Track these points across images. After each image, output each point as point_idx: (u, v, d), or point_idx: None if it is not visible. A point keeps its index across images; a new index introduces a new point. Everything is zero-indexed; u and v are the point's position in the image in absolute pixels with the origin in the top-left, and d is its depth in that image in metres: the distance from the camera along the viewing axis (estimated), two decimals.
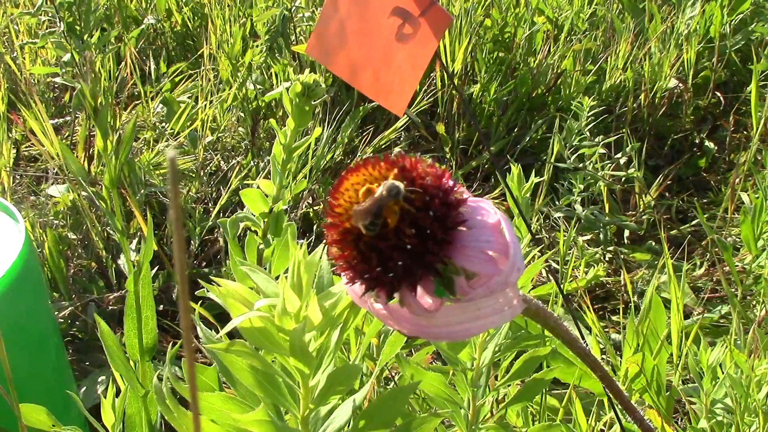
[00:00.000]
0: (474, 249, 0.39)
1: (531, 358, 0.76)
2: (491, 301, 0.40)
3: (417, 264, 0.38)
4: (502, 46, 2.18)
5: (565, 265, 1.53)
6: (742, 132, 2.18)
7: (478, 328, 0.41)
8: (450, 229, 0.39)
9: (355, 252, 0.39)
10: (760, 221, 1.51)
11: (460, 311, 0.41)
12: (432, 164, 0.41)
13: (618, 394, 0.60)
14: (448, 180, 0.41)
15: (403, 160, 0.40)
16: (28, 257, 1.00)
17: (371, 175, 0.40)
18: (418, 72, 0.68)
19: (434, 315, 0.41)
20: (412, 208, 0.38)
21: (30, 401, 0.81)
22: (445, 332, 0.41)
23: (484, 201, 0.42)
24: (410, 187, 0.38)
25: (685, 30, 2.14)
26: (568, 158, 1.73)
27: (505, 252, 0.39)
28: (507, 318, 0.41)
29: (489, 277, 0.39)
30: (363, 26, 0.69)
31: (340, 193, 0.40)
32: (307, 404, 0.52)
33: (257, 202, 0.77)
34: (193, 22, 2.35)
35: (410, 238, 0.38)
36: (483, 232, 0.39)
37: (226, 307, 0.51)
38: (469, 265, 0.39)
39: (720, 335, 1.56)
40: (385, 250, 0.38)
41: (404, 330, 0.42)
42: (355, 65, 0.69)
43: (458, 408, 0.76)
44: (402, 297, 0.41)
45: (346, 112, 1.98)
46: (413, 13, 0.69)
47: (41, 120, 1.64)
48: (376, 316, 0.42)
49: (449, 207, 0.39)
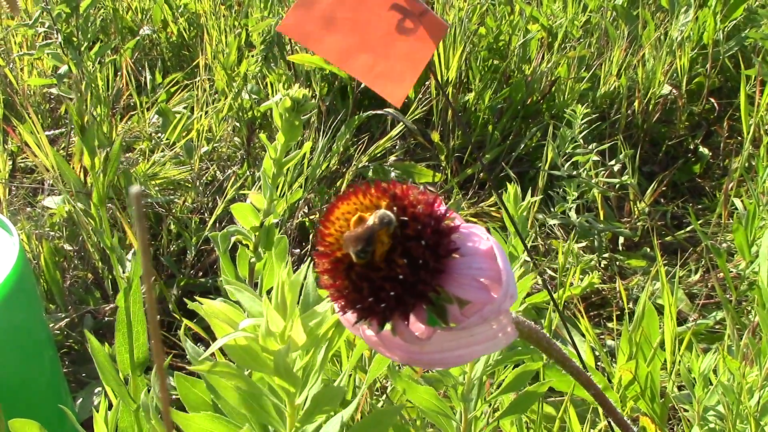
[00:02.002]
0: (467, 277, 0.39)
1: (523, 372, 0.76)
2: (485, 328, 0.40)
3: (409, 293, 0.38)
4: (497, 53, 2.19)
5: (563, 273, 1.54)
6: (736, 138, 2.19)
7: (471, 355, 0.40)
8: (442, 257, 0.38)
9: (347, 282, 0.39)
10: (753, 227, 1.52)
11: (453, 338, 0.40)
12: (423, 191, 0.41)
13: (611, 411, 0.60)
14: (439, 206, 0.40)
15: (394, 187, 0.40)
16: (22, 270, 1.00)
17: (362, 204, 0.40)
18: (419, 66, 0.68)
19: (427, 342, 0.41)
20: (404, 238, 0.38)
21: (24, 414, 0.81)
22: (438, 359, 0.41)
23: (476, 227, 0.42)
24: (402, 217, 0.38)
25: (678, 36, 2.15)
26: (562, 166, 1.73)
27: (497, 279, 0.39)
28: (501, 345, 0.41)
29: (482, 304, 0.39)
30: (358, 16, 0.68)
31: (331, 222, 0.40)
32: (293, 423, 0.52)
33: (248, 216, 0.78)
34: (188, 33, 2.36)
35: (402, 268, 0.38)
36: (475, 259, 0.39)
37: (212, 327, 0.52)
38: (462, 293, 0.39)
39: (715, 341, 1.56)
40: (377, 280, 0.38)
41: (396, 357, 0.41)
42: (348, 50, 0.68)
43: (450, 421, 0.76)
44: (394, 326, 0.40)
45: (341, 121, 1.99)
46: (413, 12, 0.70)
47: (36, 132, 1.65)
48: (368, 344, 0.42)
49: (441, 235, 0.39)
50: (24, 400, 1.02)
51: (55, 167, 1.68)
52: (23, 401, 1.02)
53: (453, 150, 2.03)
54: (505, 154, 2.05)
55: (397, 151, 2.07)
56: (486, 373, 0.77)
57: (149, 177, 1.80)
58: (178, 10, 2.37)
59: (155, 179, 1.82)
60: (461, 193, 1.96)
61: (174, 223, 1.72)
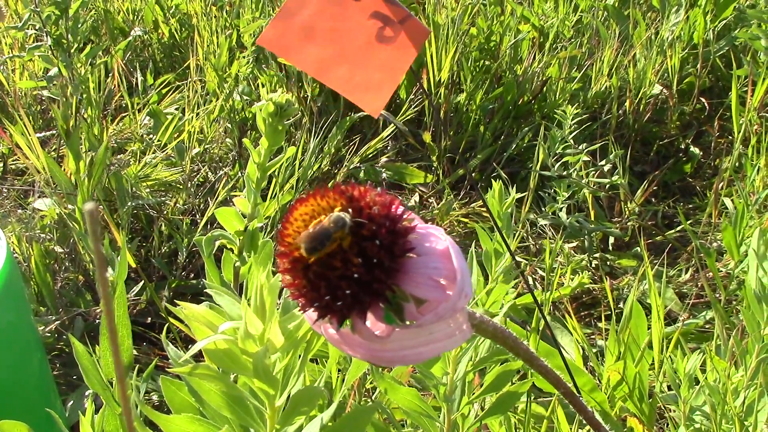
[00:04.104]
0: (422, 276, 0.40)
1: (505, 371, 0.77)
2: (442, 326, 0.41)
3: (365, 292, 0.39)
4: (488, 54, 2.20)
5: (551, 273, 1.54)
6: (726, 137, 2.19)
7: (430, 352, 0.42)
8: (397, 257, 0.40)
9: (305, 281, 0.40)
10: (742, 227, 1.53)
11: (412, 336, 0.41)
12: (381, 193, 0.42)
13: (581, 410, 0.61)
14: (397, 208, 0.42)
15: (352, 189, 0.41)
16: (9, 274, 1.00)
17: (319, 206, 0.41)
18: (398, 75, 0.68)
19: (387, 340, 0.42)
20: (360, 238, 0.39)
21: (13, 417, 0.81)
22: (399, 356, 0.42)
23: (434, 228, 0.43)
24: (356, 218, 0.39)
25: (669, 36, 2.16)
26: (553, 166, 1.74)
27: (453, 278, 0.40)
28: (458, 342, 0.42)
29: (437, 302, 0.40)
30: (338, 25, 0.68)
31: (290, 223, 0.41)
32: (273, 424, 0.53)
33: (232, 220, 0.78)
34: (180, 34, 2.36)
35: (357, 267, 0.39)
36: (431, 258, 0.40)
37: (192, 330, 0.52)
38: (418, 291, 0.40)
39: (705, 341, 1.57)
40: (333, 279, 0.39)
41: (357, 355, 0.42)
42: (326, 61, 0.68)
43: (433, 422, 0.77)
44: (353, 324, 0.42)
45: (333, 122, 1.99)
46: (394, 19, 0.70)
47: (27, 134, 1.65)
48: (330, 342, 0.43)
49: (397, 235, 0.40)
50: (12, 403, 1.02)
51: (46, 169, 1.68)
52: (11, 404, 1.02)
53: (444, 151, 2.03)
54: (496, 154, 2.06)
55: (388, 152, 2.08)
56: (470, 372, 0.77)
57: (140, 178, 1.80)
58: (170, 11, 2.37)
59: (146, 181, 1.82)
60: (453, 194, 1.96)
61: (165, 225, 1.73)
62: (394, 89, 0.65)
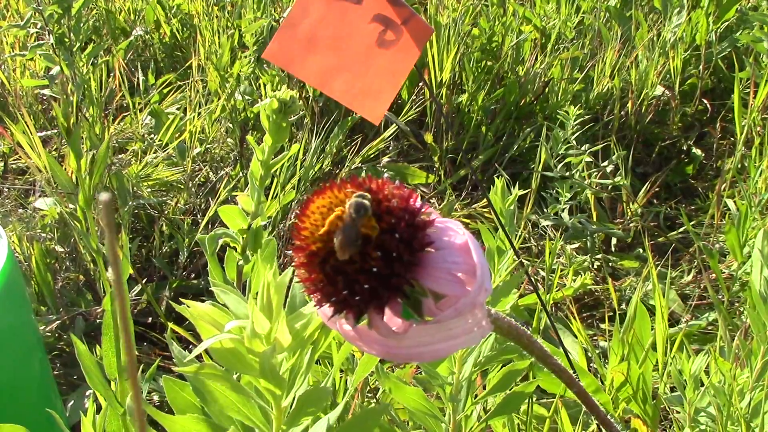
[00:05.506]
0: (441, 270, 0.39)
1: (510, 371, 0.76)
2: (461, 322, 0.40)
3: (384, 286, 0.38)
4: (490, 55, 2.19)
5: (552, 274, 1.54)
6: (729, 138, 2.19)
7: (448, 350, 0.41)
8: (417, 251, 0.39)
9: (322, 275, 0.39)
10: (745, 228, 1.52)
11: (430, 333, 0.40)
12: (399, 186, 0.41)
13: (594, 409, 0.60)
14: (415, 201, 0.41)
15: (369, 182, 0.40)
16: (10, 273, 1.00)
17: (337, 198, 0.40)
18: (398, 79, 0.68)
19: (404, 337, 0.41)
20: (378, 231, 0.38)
21: (13, 418, 0.81)
22: (415, 353, 0.41)
23: (452, 221, 0.42)
24: (376, 210, 0.38)
25: (671, 38, 2.15)
26: (555, 167, 1.73)
27: (472, 273, 0.39)
28: (477, 339, 0.41)
29: (457, 298, 0.39)
30: (339, 32, 0.68)
31: (306, 216, 0.40)
32: (280, 425, 0.52)
33: (235, 218, 0.77)
34: (181, 34, 2.35)
35: (376, 260, 0.38)
36: (450, 253, 0.39)
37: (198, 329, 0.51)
38: (437, 286, 0.39)
39: (708, 342, 1.56)
40: (351, 273, 0.38)
41: (373, 352, 0.42)
42: (327, 71, 0.67)
43: (439, 422, 0.76)
44: (370, 319, 0.41)
45: (334, 122, 1.98)
46: (396, 21, 0.69)
47: (28, 133, 1.64)
48: (345, 338, 0.42)
49: (416, 229, 0.39)
50: (13, 403, 1.02)
51: (47, 168, 1.67)
52: (12, 404, 1.01)
53: (446, 151, 2.03)
54: (498, 155, 2.05)
55: (390, 152, 2.07)
56: (475, 372, 0.77)
57: (142, 178, 1.79)
58: (171, 11, 2.36)
59: (148, 180, 1.82)
60: (454, 194, 1.96)
61: (166, 225, 1.72)
62: (394, 95, 0.65)
